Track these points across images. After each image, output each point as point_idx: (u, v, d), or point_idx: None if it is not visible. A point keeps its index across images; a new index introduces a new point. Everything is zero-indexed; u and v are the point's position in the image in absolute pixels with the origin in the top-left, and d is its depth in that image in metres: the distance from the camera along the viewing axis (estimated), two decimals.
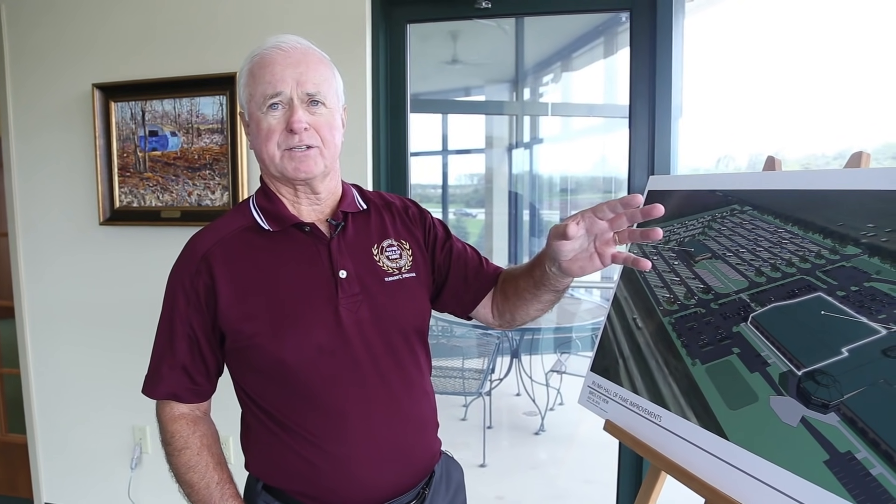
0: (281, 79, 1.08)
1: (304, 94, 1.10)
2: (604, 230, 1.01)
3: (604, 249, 1.03)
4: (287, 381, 1.11)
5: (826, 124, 3.31)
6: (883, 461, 0.81)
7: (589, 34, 4.69)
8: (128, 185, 2.38)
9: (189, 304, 1.13)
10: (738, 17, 3.83)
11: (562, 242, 1.00)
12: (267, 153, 1.11)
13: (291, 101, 1.09)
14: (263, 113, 1.10)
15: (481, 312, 1.35)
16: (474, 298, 1.32)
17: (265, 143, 1.11)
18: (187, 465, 1.13)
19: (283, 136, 1.10)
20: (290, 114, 1.09)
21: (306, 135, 1.10)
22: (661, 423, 1.17)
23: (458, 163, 6.31)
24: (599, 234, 1.02)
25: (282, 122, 1.10)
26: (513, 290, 1.26)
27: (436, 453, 1.26)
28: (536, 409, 4.08)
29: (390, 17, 2.22)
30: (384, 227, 1.25)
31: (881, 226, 0.94)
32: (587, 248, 1.04)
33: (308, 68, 1.11)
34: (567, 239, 0.99)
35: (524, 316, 1.28)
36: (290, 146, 1.10)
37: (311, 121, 1.10)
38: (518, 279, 1.24)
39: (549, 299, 1.22)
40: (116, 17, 2.34)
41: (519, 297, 1.24)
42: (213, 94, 2.23)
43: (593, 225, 1.00)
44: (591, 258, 1.04)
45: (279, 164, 1.12)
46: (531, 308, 1.25)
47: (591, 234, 1.02)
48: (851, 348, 0.91)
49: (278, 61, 1.10)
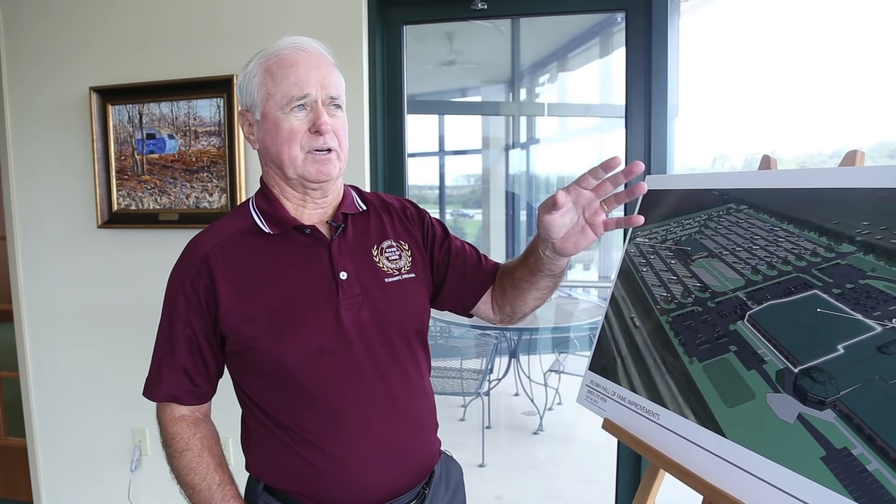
0: (307, 81, 1.09)
1: (328, 96, 1.11)
2: (590, 199, 1.02)
3: (594, 219, 1.04)
4: (288, 383, 1.11)
5: (821, 123, 3.32)
6: (879, 457, 0.81)
7: (584, 34, 4.70)
8: (125, 187, 2.38)
9: (189, 307, 1.13)
10: (733, 16, 3.84)
11: (552, 218, 1.02)
12: (289, 155, 1.11)
13: (316, 104, 1.10)
14: (286, 114, 1.10)
15: (482, 309, 1.35)
16: (474, 295, 1.33)
17: (287, 144, 1.11)
18: (188, 467, 1.14)
19: (308, 137, 1.10)
20: (316, 116, 1.10)
21: (330, 136, 1.11)
22: (659, 421, 1.17)
23: (454, 163, 6.32)
24: (587, 204, 1.03)
25: (305, 124, 1.10)
26: (510, 281, 1.26)
27: (435, 453, 1.27)
28: (535, 408, 4.09)
29: (387, 18, 2.23)
30: (383, 228, 1.26)
31: (875, 224, 0.95)
32: (578, 222, 1.05)
33: (329, 72, 1.13)
34: (557, 207, 1.00)
35: (523, 307, 1.28)
36: (314, 148, 1.10)
37: (332, 123, 1.11)
38: (514, 270, 1.24)
39: (546, 285, 1.22)
40: (113, 20, 2.34)
41: (516, 288, 1.25)
42: (211, 97, 2.23)
43: (580, 196, 1.02)
44: (584, 231, 1.05)
45: (300, 167, 1.12)
46: (529, 297, 1.25)
47: (580, 206, 1.04)
48: (847, 345, 0.91)
49: (302, 63, 1.10)
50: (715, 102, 3.73)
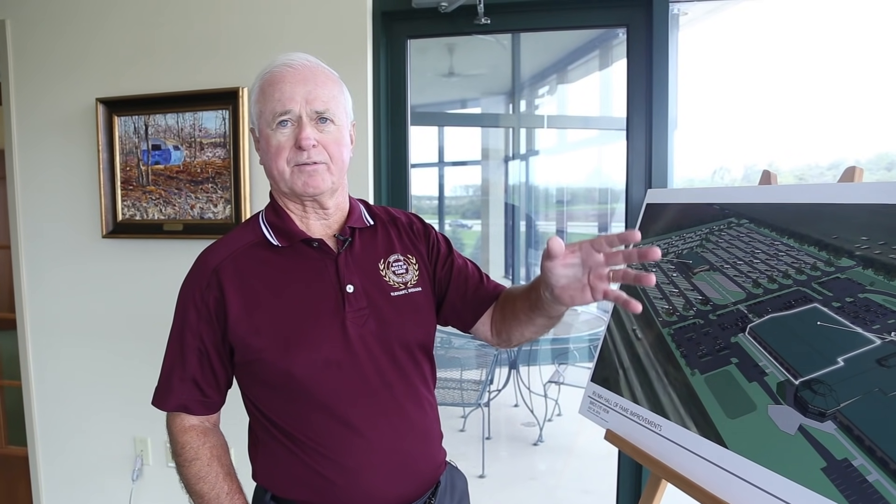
0: (290, 97, 1.11)
1: (313, 111, 1.12)
2: (599, 264, 0.99)
3: (597, 283, 1.01)
4: (295, 394, 1.13)
5: (819, 135, 3.35)
6: (879, 468, 0.83)
7: (584, 47, 4.74)
8: (130, 198, 2.40)
9: (200, 318, 1.15)
10: (731, 30, 3.88)
11: (553, 265, 1.00)
12: (277, 169, 1.14)
13: (300, 119, 1.11)
14: (273, 130, 1.12)
15: (481, 330, 1.35)
16: (473, 315, 1.33)
17: (275, 159, 1.13)
18: (197, 476, 1.15)
19: (293, 152, 1.12)
20: (299, 131, 1.11)
21: (314, 151, 1.12)
22: (661, 432, 1.19)
23: (454, 174, 6.35)
24: (594, 266, 0.99)
25: (290, 139, 1.12)
26: (510, 309, 1.27)
27: (441, 463, 1.28)
28: (535, 419, 4.09)
29: (391, 32, 2.26)
30: (391, 242, 1.27)
31: (874, 238, 0.97)
32: (581, 278, 1.02)
33: (317, 86, 1.13)
34: (550, 257, 0.98)
35: (519, 337, 1.28)
36: (299, 162, 1.12)
37: (319, 138, 1.13)
38: (516, 300, 1.24)
39: (542, 323, 1.21)
40: (120, 32, 2.36)
41: (514, 318, 1.25)
42: (216, 109, 2.25)
43: (589, 257, 0.99)
44: (584, 290, 1.02)
45: (289, 180, 1.14)
46: (525, 330, 1.25)
47: (587, 266, 1.00)
48: (847, 358, 0.93)
49: (287, 79, 1.12)
50: (714, 115, 3.76)
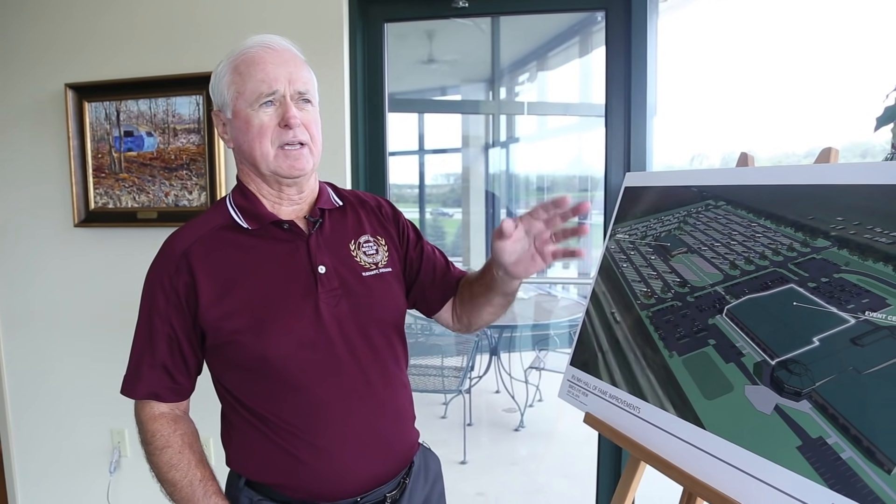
0: (275, 77, 1.11)
1: (296, 91, 1.13)
2: (541, 230, 1.11)
3: (543, 248, 1.12)
4: (268, 376, 1.12)
5: (795, 124, 3.38)
6: (852, 445, 0.83)
7: (564, 34, 4.72)
8: (103, 186, 2.35)
9: (169, 304, 1.13)
10: (710, 17, 3.90)
11: (503, 242, 1.09)
12: (260, 150, 1.12)
13: (284, 99, 1.11)
14: (255, 110, 1.11)
15: (443, 316, 1.41)
16: (441, 299, 1.38)
17: (258, 139, 1.12)
18: (169, 464, 1.13)
19: (277, 132, 1.12)
20: (285, 110, 1.11)
21: (299, 130, 1.12)
22: (639, 414, 1.19)
23: (434, 162, 6.31)
24: (538, 234, 1.11)
25: (275, 119, 1.11)
26: (468, 294, 1.33)
27: (414, 443, 1.29)
28: (516, 405, 4.11)
29: (367, 16, 2.23)
30: (360, 223, 1.28)
31: (849, 219, 0.97)
32: (528, 249, 1.12)
33: (297, 67, 1.14)
34: (505, 236, 1.08)
35: (478, 320, 1.35)
36: (284, 142, 1.12)
37: (302, 117, 1.13)
38: (472, 284, 1.31)
39: (499, 303, 1.29)
40: (90, 16, 2.31)
41: (473, 302, 1.32)
42: (190, 94, 2.21)
43: (531, 226, 1.11)
44: (534, 258, 1.13)
45: (273, 163, 1.13)
46: (484, 312, 1.32)
47: (531, 235, 1.12)
48: (822, 337, 0.93)
49: (269, 60, 1.12)
50: (692, 102, 3.78)
